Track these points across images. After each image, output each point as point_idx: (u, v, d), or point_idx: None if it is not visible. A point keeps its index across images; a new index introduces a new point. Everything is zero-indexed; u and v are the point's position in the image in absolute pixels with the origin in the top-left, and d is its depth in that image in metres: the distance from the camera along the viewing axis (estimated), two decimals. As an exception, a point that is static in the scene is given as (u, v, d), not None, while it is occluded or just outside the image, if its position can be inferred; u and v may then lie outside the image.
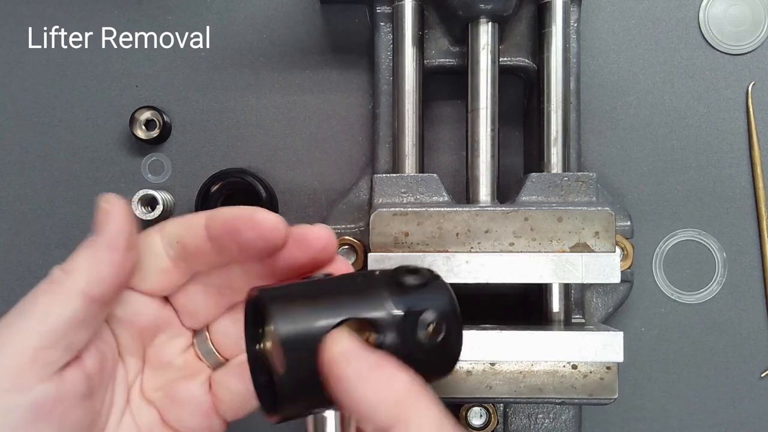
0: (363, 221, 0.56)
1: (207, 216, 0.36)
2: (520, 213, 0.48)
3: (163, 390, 0.38)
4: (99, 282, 0.33)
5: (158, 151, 0.61)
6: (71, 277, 0.33)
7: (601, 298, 0.56)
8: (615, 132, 0.60)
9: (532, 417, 0.55)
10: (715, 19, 0.60)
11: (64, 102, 0.61)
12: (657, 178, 0.60)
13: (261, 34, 0.61)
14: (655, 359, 0.60)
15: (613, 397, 0.48)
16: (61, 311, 0.32)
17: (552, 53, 0.53)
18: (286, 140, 0.61)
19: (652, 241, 0.60)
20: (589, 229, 0.47)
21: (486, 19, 0.52)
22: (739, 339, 0.60)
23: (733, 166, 0.60)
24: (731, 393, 0.60)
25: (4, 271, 0.61)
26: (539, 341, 0.47)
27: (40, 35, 0.61)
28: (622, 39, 0.61)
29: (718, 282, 0.60)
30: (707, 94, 0.60)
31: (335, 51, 0.61)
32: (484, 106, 0.52)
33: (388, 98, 0.56)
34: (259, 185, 0.58)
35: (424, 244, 0.48)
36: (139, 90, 0.61)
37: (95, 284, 0.33)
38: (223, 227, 0.35)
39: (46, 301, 0.33)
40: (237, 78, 0.61)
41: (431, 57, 0.56)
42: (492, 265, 0.47)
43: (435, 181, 0.51)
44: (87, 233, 0.60)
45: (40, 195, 0.61)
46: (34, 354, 0.32)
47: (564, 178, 0.51)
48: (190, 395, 0.38)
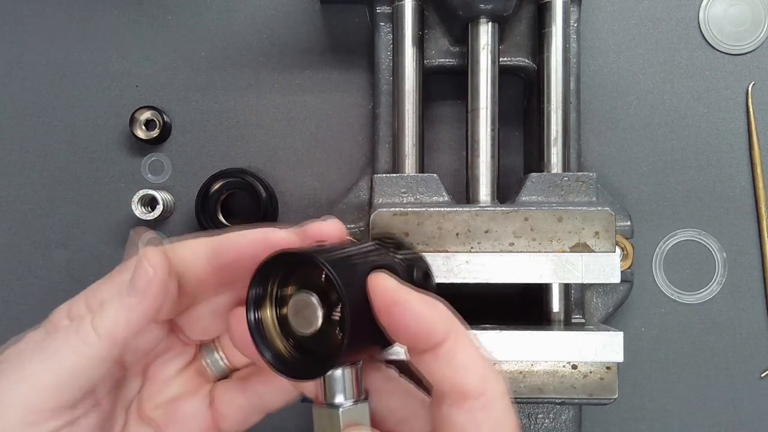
0: (363, 221, 0.56)
1: (211, 247, 0.34)
2: (520, 213, 0.48)
3: (162, 408, 0.37)
4: (127, 328, 0.33)
5: (158, 151, 0.61)
6: (100, 321, 0.32)
7: (601, 298, 0.56)
8: (615, 132, 0.60)
9: (532, 417, 0.55)
10: (715, 19, 0.60)
11: (64, 102, 0.61)
12: (657, 178, 0.60)
13: (261, 34, 0.61)
14: (655, 359, 0.60)
15: (613, 397, 0.48)
16: (86, 354, 0.32)
17: (552, 53, 0.53)
18: (286, 140, 0.61)
19: (652, 241, 0.60)
20: (589, 229, 0.47)
21: (486, 19, 0.52)
22: (739, 339, 0.60)
23: (733, 166, 0.60)
24: (731, 393, 0.60)
25: (4, 271, 0.61)
26: (539, 341, 0.47)
27: (41, 35, 0.61)
28: (622, 39, 0.61)
29: (718, 282, 0.60)
30: (707, 94, 0.60)
31: (335, 51, 0.61)
32: (484, 106, 0.52)
33: (388, 98, 0.56)
34: (259, 185, 0.58)
35: (424, 244, 0.48)
36: (139, 90, 0.61)
37: (123, 330, 0.33)
38: (235, 255, 0.34)
39: (72, 342, 0.32)
40: (237, 78, 0.61)
41: (431, 57, 0.56)
42: (492, 265, 0.47)
43: (435, 181, 0.51)
44: (87, 233, 0.61)
45: (40, 195, 0.61)
46: (51, 392, 0.31)
47: (564, 178, 0.51)
48: (191, 412, 0.37)
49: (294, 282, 0.34)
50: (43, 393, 0.31)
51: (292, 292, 0.34)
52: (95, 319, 0.33)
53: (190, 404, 0.37)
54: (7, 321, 0.61)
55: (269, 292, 0.34)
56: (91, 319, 0.33)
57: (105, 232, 0.61)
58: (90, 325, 0.33)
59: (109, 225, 0.61)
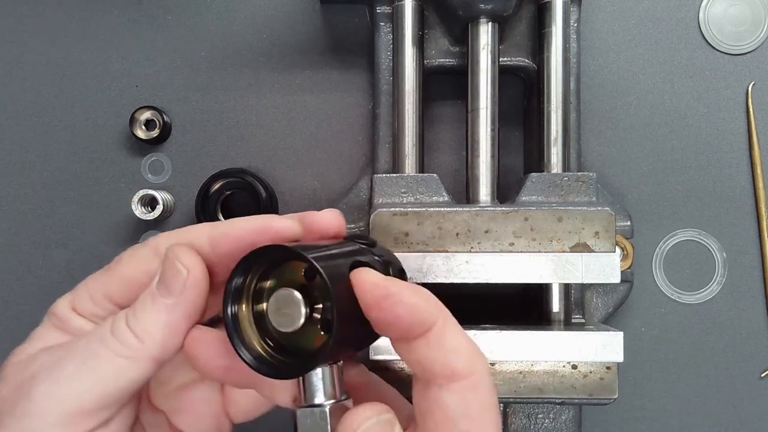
0: (363, 221, 0.56)
1: (212, 235, 0.34)
2: (520, 213, 0.48)
3: (172, 396, 0.37)
4: (166, 329, 0.32)
5: (158, 151, 0.61)
6: (145, 345, 0.32)
7: (601, 298, 0.56)
8: (615, 132, 0.60)
9: (532, 417, 0.55)
10: (715, 19, 0.60)
11: (64, 102, 0.61)
12: (657, 178, 0.60)
13: (261, 34, 0.61)
14: (655, 359, 0.60)
15: (613, 397, 0.48)
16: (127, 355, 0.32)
17: (552, 53, 0.53)
18: (286, 140, 0.61)
19: (652, 241, 0.60)
20: (589, 229, 0.47)
21: (486, 19, 0.52)
22: (739, 339, 0.60)
23: (733, 166, 0.60)
24: (731, 393, 0.60)
25: (4, 271, 0.61)
26: (539, 341, 0.47)
27: (41, 35, 0.61)
28: (622, 39, 0.61)
29: (718, 282, 0.60)
30: (707, 94, 0.60)
31: (335, 51, 0.61)
32: (484, 106, 0.52)
33: (388, 98, 0.56)
34: (259, 185, 0.58)
35: (424, 244, 0.48)
36: (139, 90, 0.61)
37: (162, 332, 0.32)
38: (236, 244, 0.33)
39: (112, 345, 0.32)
40: (237, 78, 0.61)
41: (431, 57, 0.56)
42: (492, 265, 0.47)
43: (435, 181, 0.51)
44: (87, 233, 0.61)
45: (40, 195, 0.61)
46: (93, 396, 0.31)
47: (564, 178, 0.51)
48: (202, 398, 0.37)
49: (273, 277, 0.33)
50: (83, 396, 0.31)
51: (271, 287, 0.33)
52: (142, 346, 0.32)
53: (201, 390, 0.37)
54: (7, 321, 0.61)
55: (246, 286, 0.33)
56: (125, 320, 0.32)
57: (105, 232, 0.61)
58: (126, 326, 0.32)
59: (109, 225, 0.61)
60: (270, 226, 0.33)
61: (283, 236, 0.33)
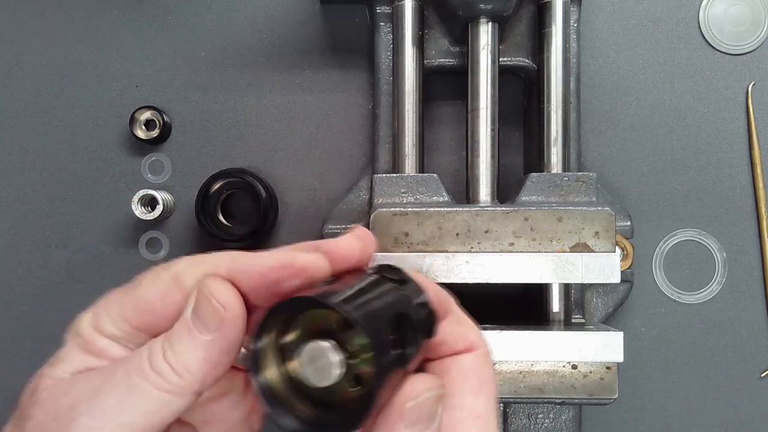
0: (363, 221, 0.56)
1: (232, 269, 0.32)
2: (520, 213, 0.48)
3: (200, 409, 0.36)
4: (212, 381, 0.32)
5: (158, 151, 0.61)
6: (186, 381, 0.31)
7: (601, 298, 0.56)
8: (615, 132, 0.60)
9: (532, 417, 0.55)
10: (715, 19, 0.60)
11: (64, 102, 0.61)
12: (657, 178, 0.60)
13: (261, 34, 0.61)
14: (655, 359, 0.60)
15: (613, 397, 0.48)
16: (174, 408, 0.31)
17: (552, 53, 0.53)
18: (286, 140, 0.61)
19: (652, 241, 0.60)
20: (589, 229, 0.47)
21: (486, 19, 0.52)
22: (739, 339, 0.60)
23: (733, 166, 0.60)
24: (731, 393, 0.60)
25: (4, 271, 0.61)
26: (539, 341, 0.47)
27: (41, 35, 0.61)
28: (622, 39, 0.61)
29: (718, 282, 0.60)
30: (707, 94, 0.60)
31: (335, 51, 0.61)
32: (484, 106, 0.52)
33: (388, 98, 0.56)
34: (259, 185, 0.58)
35: (424, 244, 0.48)
36: (139, 90, 0.61)
37: (209, 384, 0.32)
38: (259, 281, 0.31)
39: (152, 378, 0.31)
40: (237, 78, 0.61)
41: (431, 57, 0.56)
42: (492, 265, 0.47)
43: (435, 181, 0.51)
44: (87, 233, 0.61)
45: (40, 195, 0.61)
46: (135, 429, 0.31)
47: (564, 178, 0.51)
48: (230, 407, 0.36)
49: (299, 326, 0.31)
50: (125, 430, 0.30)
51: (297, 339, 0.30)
52: (167, 354, 0.31)
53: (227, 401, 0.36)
54: (7, 321, 0.61)
55: (271, 344, 0.31)
56: (162, 353, 0.31)
57: (105, 232, 0.61)
58: (163, 359, 0.31)
59: (109, 225, 0.61)
60: (293, 263, 0.31)
61: (308, 274, 0.31)
